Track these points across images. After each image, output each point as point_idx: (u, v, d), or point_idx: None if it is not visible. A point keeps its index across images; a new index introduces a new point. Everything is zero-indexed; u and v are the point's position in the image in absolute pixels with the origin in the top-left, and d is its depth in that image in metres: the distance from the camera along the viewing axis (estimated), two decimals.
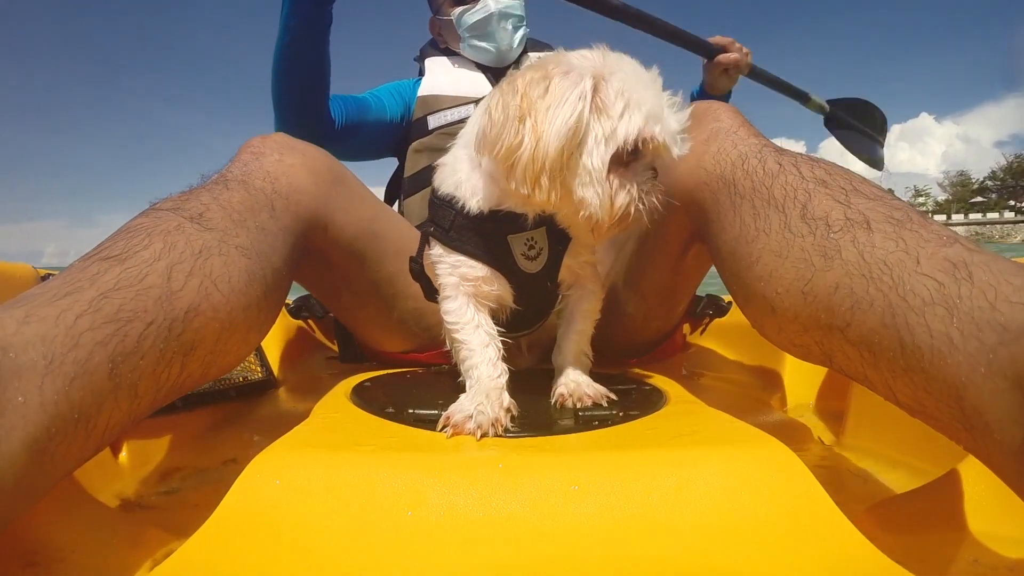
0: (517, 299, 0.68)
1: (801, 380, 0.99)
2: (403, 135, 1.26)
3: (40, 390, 0.40)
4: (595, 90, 0.54)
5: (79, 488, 0.52)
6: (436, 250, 0.67)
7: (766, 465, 0.47)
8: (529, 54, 1.30)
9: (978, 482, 0.51)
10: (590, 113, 0.54)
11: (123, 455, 0.74)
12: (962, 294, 0.40)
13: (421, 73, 1.32)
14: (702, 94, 1.39)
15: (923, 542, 0.48)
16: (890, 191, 0.56)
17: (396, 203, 1.31)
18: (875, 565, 0.40)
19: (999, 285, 0.39)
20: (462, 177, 0.64)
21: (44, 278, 0.85)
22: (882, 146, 1.79)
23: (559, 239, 0.66)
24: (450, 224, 0.65)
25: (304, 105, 1.06)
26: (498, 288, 0.66)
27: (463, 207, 0.63)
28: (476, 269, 0.65)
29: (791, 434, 0.82)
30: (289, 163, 0.74)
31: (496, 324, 0.67)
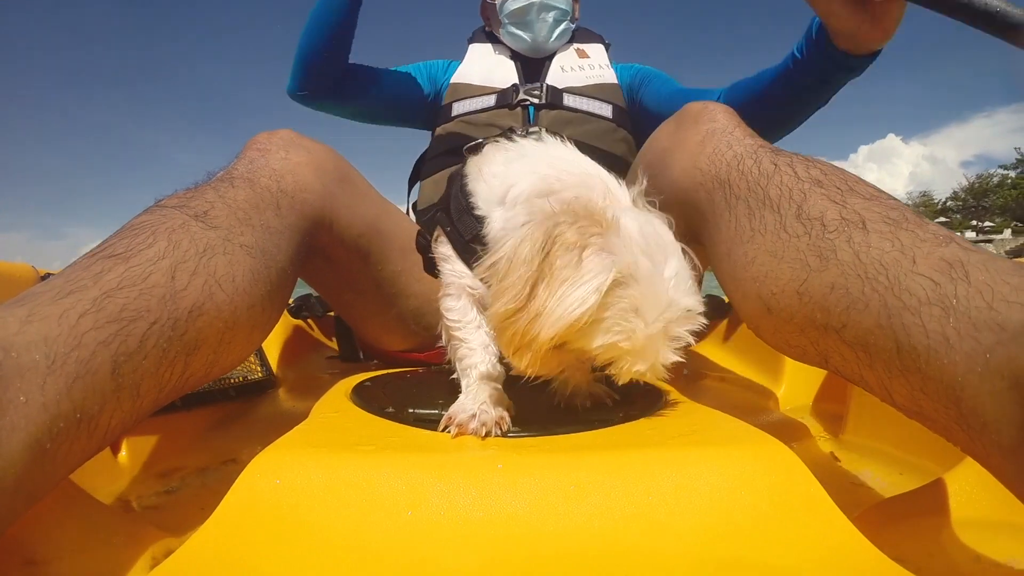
0: None
1: (801, 380, 0.99)
2: (428, 115, 1.28)
3: (42, 390, 0.40)
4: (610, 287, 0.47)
5: (79, 488, 0.52)
6: (446, 250, 0.66)
7: (766, 465, 0.47)
8: (574, 45, 1.29)
9: (978, 481, 0.51)
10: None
11: (123, 455, 0.74)
12: (958, 294, 0.40)
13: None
14: (818, 41, 0.83)
15: (924, 541, 0.48)
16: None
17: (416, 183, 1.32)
18: (875, 565, 0.40)
19: (996, 285, 0.39)
20: (496, 217, 0.60)
21: (44, 278, 0.85)
22: None
23: None
24: (472, 236, 0.63)
25: (324, 66, 1.14)
26: None
27: (485, 232, 0.61)
28: (479, 288, 0.64)
29: (791, 434, 0.82)
30: (295, 161, 0.74)
31: None
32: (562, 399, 0.65)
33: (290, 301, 1.29)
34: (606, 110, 1.20)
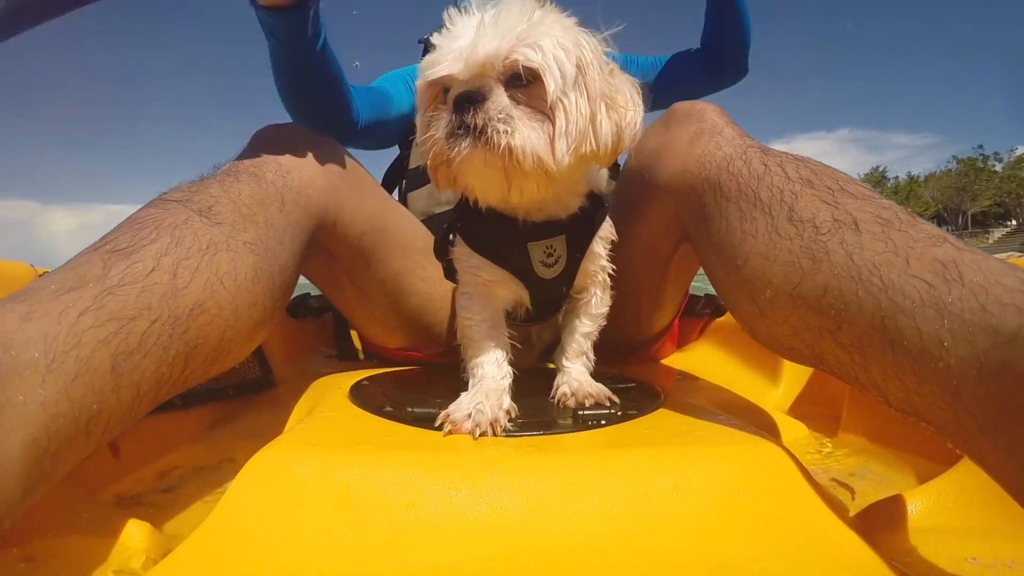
0: (532, 300, 0.69)
1: (798, 380, 0.99)
2: (410, 125, 1.25)
3: (41, 388, 0.40)
4: None
5: (77, 485, 0.52)
6: (462, 249, 0.68)
7: (763, 465, 0.47)
8: None
9: (974, 482, 0.52)
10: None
11: (121, 453, 0.74)
12: (952, 296, 0.40)
13: None
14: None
15: (919, 542, 0.48)
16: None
17: (395, 192, 1.30)
18: (870, 564, 0.40)
19: (990, 286, 0.39)
20: None
21: (42, 276, 0.85)
22: None
23: (577, 246, 0.66)
24: (478, 228, 0.66)
25: (319, 116, 0.95)
26: (513, 292, 0.68)
27: (486, 211, 0.64)
28: (493, 273, 0.66)
29: (787, 434, 0.82)
30: (302, 156, 0.74)
31: (513, 317, 0.69)
32: (563, 398, 0.65)
33: None
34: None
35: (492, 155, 0.52)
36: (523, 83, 0.52)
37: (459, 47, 0.53)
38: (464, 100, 0.52)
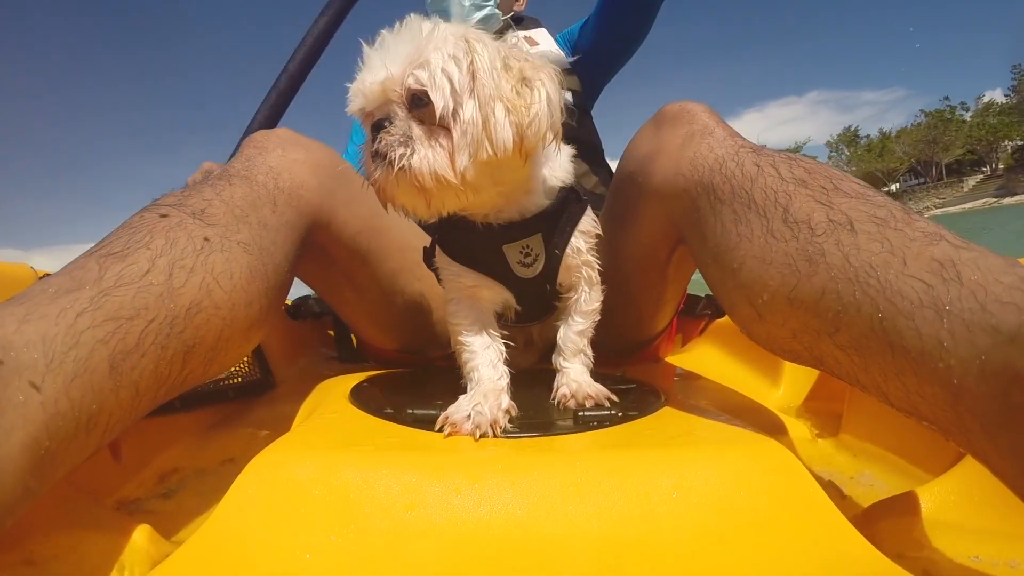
0: (518, 300, 0.69)
1: (799, 380, 0.99)
2: None
3: (40, 389, 0.40)
4: None
5: (77, 487, 0.52)
6: (441, 258, 0.69)
7: (763, 465, 0.47)
8: (522, 34, 1.28)
9: (976, 480, 0.52)
10: None
11: (122, 455, 0.74)
12: (951, 296, 0.40)
13: None
14: None
15: (921, 541, 0.48)
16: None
17: None
18: (873, 564, 0.40)
19: (989, 285, 0.39)
20: None
21: (43, 279, 0.85)
22: None
23: (556, 243, 0.66)
24: (451, 236, 0.67)
25: None
26: (498, 294, 0.68)
27: (462, 218, 0.64)
28: (474, 278, 0.67)
29: (788, 434, 0.82)
30: (292, 158, 0.75)
31: (506, 318, 0.69)
32: (563, 399, 0.65)
33: (288, 302, 1.28)
34: (567, 95, 1.20)
35: (399, 177, 0.54)
36: (424, 102, 0.53)
37: (363, 80, 0.56)
38: (375, 128, 0.55)
